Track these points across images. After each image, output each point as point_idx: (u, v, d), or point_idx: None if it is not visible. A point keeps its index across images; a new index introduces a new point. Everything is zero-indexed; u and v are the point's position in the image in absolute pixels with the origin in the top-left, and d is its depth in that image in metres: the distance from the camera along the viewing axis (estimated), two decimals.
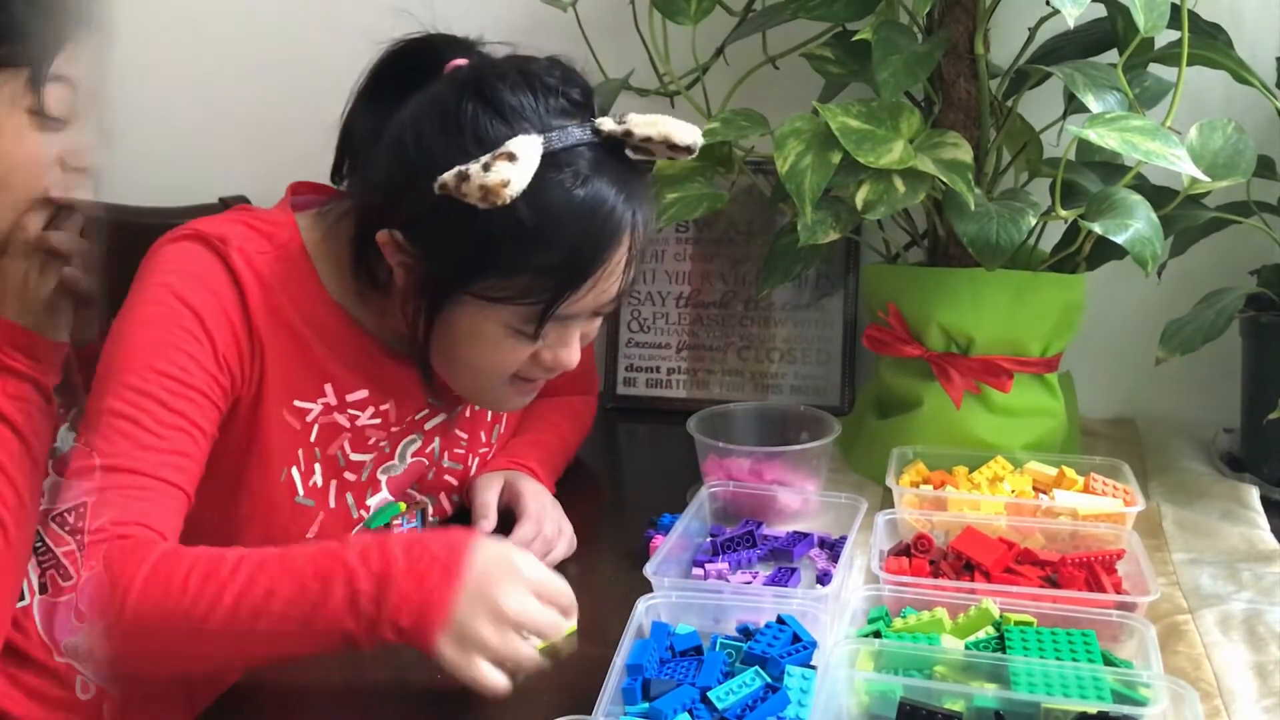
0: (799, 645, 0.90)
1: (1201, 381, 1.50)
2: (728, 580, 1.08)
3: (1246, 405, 1.37)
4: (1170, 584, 1.11)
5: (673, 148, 1.00)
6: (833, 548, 1.14)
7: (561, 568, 1.17)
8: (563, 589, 0.92)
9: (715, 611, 0.98)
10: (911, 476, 1.22)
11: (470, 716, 0.94)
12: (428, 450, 1.16)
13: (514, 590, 0.88)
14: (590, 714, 0.82)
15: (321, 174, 1.15)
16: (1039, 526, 1.11)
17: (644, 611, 0.95)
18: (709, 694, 0.85)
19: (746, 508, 1.20)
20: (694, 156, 1.03)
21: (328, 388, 1.07)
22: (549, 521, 1.17)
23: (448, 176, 0.93)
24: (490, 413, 1.25)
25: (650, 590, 0.98)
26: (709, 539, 1.16)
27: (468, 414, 1.21)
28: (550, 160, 0.94)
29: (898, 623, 0.95)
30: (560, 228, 0.95)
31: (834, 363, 1.59)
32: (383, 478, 1.14)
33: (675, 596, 0.98)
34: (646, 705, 0.84)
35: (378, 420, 1.10)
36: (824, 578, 1.10)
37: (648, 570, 1.00)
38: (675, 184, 1.31)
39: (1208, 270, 1.40)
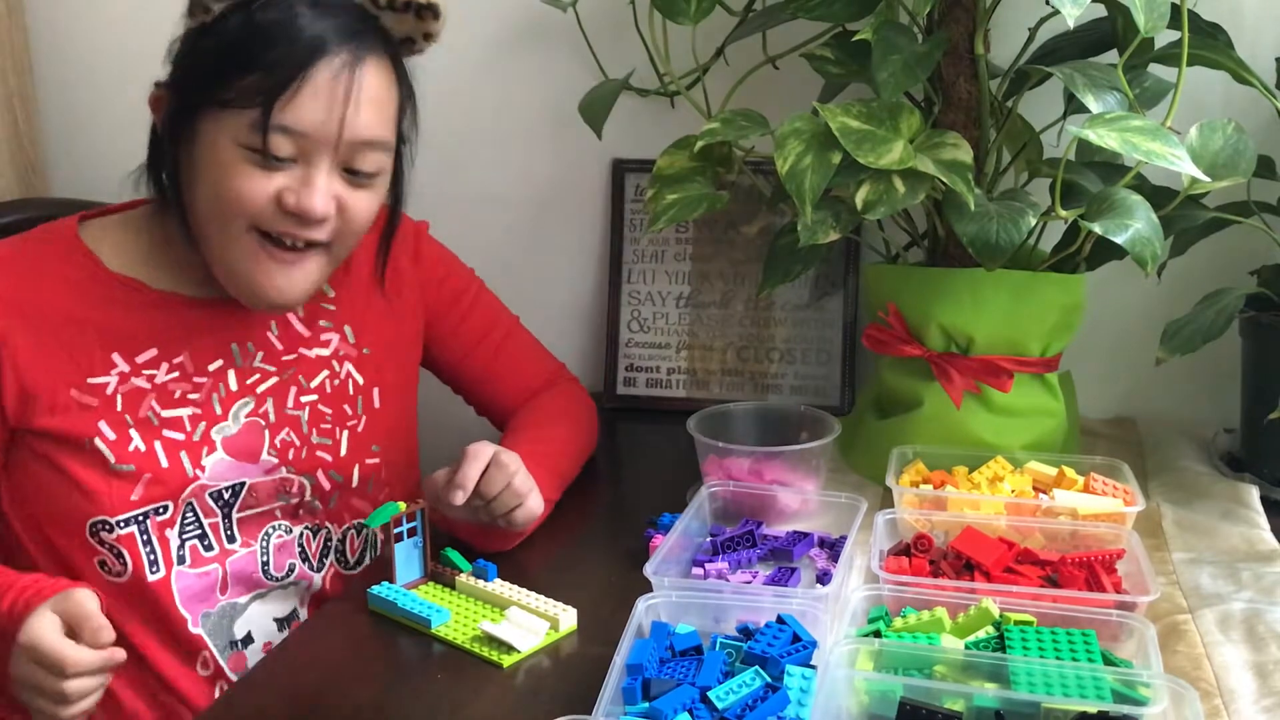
0: (799, 645, 0.90)
1: (1201, 381, 1.50)
2: (728, 580, 1.08)
3: (1246, 405, 1.37)
4: (1170, 584, 1.11)
5: (415, 10, 1.13)
6: (833, 547, 1.14)
7: (562, 567, 1.17)
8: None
9: (715, 611, 0.98)
10: (911, 476, 1.22)
11: (470, 716, 0.94)
12: (261, 412, 1.21)
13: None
14: (590, 714, 0.82)
15: None
16: (1039, 526, 1.11)
17: (644, 611, 0.95)
18: (709, 694, 0.85)
19: (746, 507, 1.20)
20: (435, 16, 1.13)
21: (116, 356, 1.14)
22: (501, 467, 1.13)
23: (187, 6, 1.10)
24: (351, 384, 1.26)
25: (650, 590, 0.98)
26: (709, 539, 1.16)
27: (320, 385, 1.24)
28: None
29: (898, 622, 0.95)
30: (269, 39, 1.07)
31: (834, 363, 1.59)
32: (217, 438, 1.18)
33: (675, 596, 0.98)
34: (646, 705, 0.84)
35: (176, 374, 1.17)
36: (824, 577, 1.10)
37: (648, 570, 1.00)
38: (675, 184, 1.31)
39: (1208, 270, 1.40)
